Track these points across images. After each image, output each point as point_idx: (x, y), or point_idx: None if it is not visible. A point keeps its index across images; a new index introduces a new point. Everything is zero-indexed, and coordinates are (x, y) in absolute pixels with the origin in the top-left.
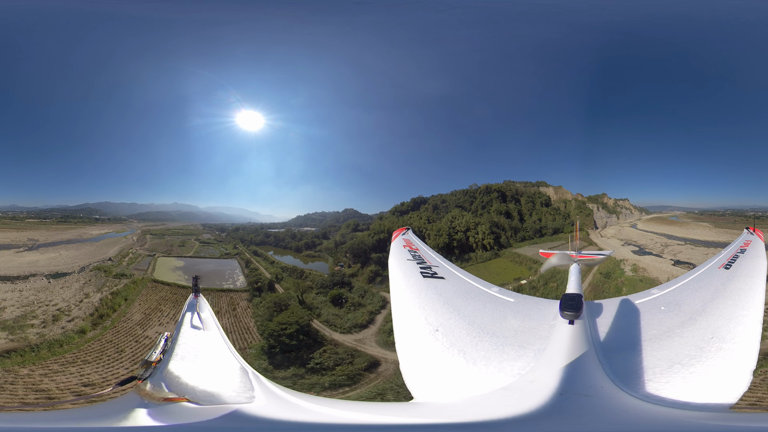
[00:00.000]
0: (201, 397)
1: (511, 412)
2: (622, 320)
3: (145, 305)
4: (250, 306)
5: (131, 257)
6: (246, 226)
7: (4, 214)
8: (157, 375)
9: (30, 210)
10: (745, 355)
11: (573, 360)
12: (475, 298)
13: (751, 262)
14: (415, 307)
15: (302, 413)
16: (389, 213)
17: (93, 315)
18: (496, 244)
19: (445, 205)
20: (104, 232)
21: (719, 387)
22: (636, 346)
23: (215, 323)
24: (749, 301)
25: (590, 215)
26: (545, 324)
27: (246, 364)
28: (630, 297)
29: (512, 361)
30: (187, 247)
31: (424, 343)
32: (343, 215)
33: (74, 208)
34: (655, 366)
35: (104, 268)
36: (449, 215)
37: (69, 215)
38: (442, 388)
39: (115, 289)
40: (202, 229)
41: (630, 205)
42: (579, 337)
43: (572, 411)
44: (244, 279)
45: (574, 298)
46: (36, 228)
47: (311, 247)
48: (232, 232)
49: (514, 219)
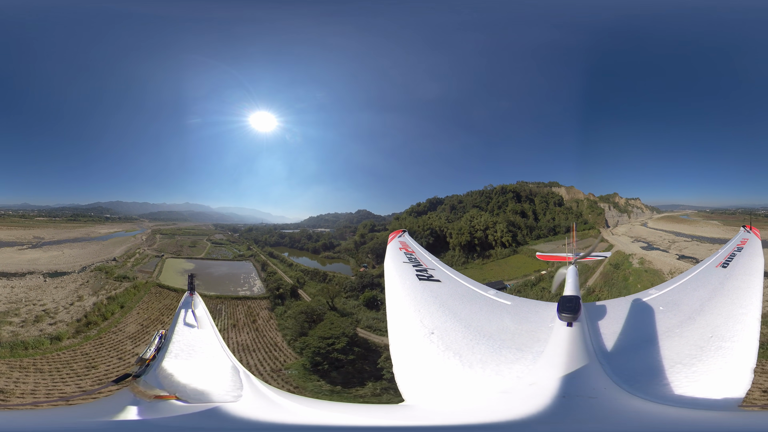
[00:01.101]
0: (190, 395)
1: (513, 415)
2: (620, 321)
3: (144, 315)
4: (272, 316)
5: (137, 258)
6: (259, 226)
7: (15, 212)
8: (150, 372)
9: (41, 209)
10: (744, 353)
11: (573, 362)
12: (471, 301)
13: (748, 261)
14: (411, 310)
15: (287, 414)
16: (405, 213)
17: (80, 321)
18: (514, 241)
19: (462, 206)
20: (113, 231)
21: (721, 386)
22: (636, 347)
23: (209, 321)
24: (747, 300)
25: (601, 214)
26: (543, 326)
27: (238, 363)
28: (628, 298)
29: (510, 364)
30: (199, 248)
31: (418, 346)
32: (357, 216)
33: (86, 207)
34: (657, 366)
35: (106, 269)
36: (468, 215)
37: (79, 214)
38: (436, 391)
39: (113, 293)
40: (214, 229)
41: (641, 205)
42: (578, 339)
43: (578, 413)
44: (261, 284)
45: (571, 300)
46: (44, 226)
47: (329, 248)
48: (245, 232)
49: (529, 218)
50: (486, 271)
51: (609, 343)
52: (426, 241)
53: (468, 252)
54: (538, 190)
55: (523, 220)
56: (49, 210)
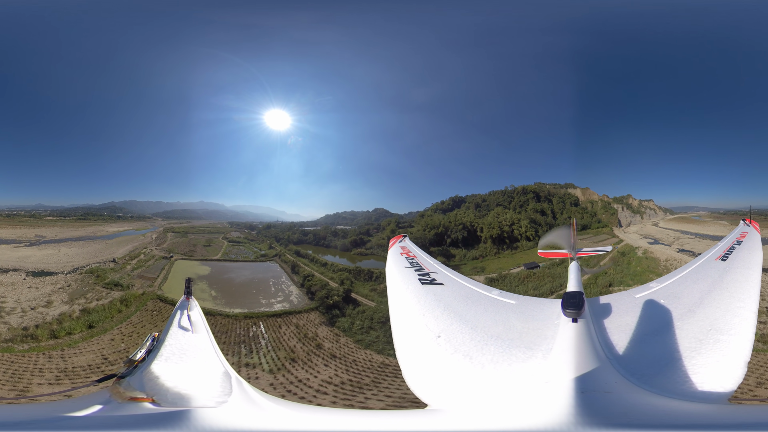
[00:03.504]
0: (168, 399)
1: (545, 414)
2: (623, 315)
3: (121, 342)
4: (339, 333)
5: (141, 259)
6: (276, 224)
7: (27, 212)
8: (136, 374)
9: (55, 209)
10: (741, 346)
11: (582, 358)
12: (475, 303)
13: (746, 254)
14: (415, 315)
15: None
16: (430, 211)
17: (27, 330)
18: (536, 236)
19: (486, 204)
20: (123, 229)
21: (716, 379)
22: (640, 341)
23: (204, 326)
24: (745, 293)
25: (614, 215)
26: (549, 324)
27: (230, 368)
28: (630, 291)
29: (522, 363)
30: (214, 247)
31: (426, 350)
32: (374, 214)
33: (99, 206)
34: (660, 359)
35: (98, 272)
36: (494, 212)
37: (90, 213)
38: (453, 394)
39: (94, 305)
40: (230, 227)
41: (654, 206)
42: (584, 335)
43: (601, 409)
44: (297, 290)
45: (575, 296)
46: (52, 225)
47: (360, 244)
48: (263, 230)
49: (548, 216)
50: (517, 258)
51: (614, 337)
52: (461, 235)
53: (498, 244)
54: (555, 191)
55: (543, 218)
56: (62, 210)
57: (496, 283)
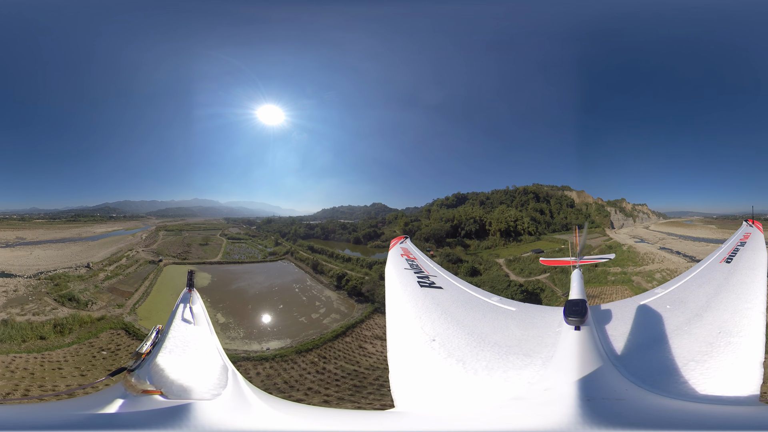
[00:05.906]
0: (173, 391)
1: (530, 421)
2: (628, 322)
3: None
4: None
5: (121, 264)
6: (276, 219)
7: (19, 215)
8: (144, 367)
9: (48, 212)
10: (753, 347)
11: (585, 365)
12: (474, 308)
13: (751, 255)
14: (411, 317)
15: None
16: (436, 206)
17: None
18: (537, 231)
19: (490, 201)
20: (112, 229)
21: (734, 381)
22: (647, 347)
23: (206, 318)
24: (752, 294)
25: (607, 217)
26: (550, 331)
27: (228, 362)
28: (634, 298)
29: (518, 370)
30: (212, 246)
31: (418, 353)
32: (373, 209)
33: (93, 208)
34: (671, 365)
35: (60, 279)
36: (498, 209)
37: (81, 214)
38: (435, 397)
39: (19, 320)
40: (227, 223)
41: (648, 210)
42: (588, 342)
43: (611, 416)
44: (333, 293)
45: (578, 303)
46: (38, 227)
47: (373, 237)
48: (264, 224)
49: (546, 215)
50: (522, 248)
51: (619, 344)
52: (474, 227)
53: (505, 237)
54: (552, 192)
55: (542, 217)
56: (55, 213)
57: (513, 263)
